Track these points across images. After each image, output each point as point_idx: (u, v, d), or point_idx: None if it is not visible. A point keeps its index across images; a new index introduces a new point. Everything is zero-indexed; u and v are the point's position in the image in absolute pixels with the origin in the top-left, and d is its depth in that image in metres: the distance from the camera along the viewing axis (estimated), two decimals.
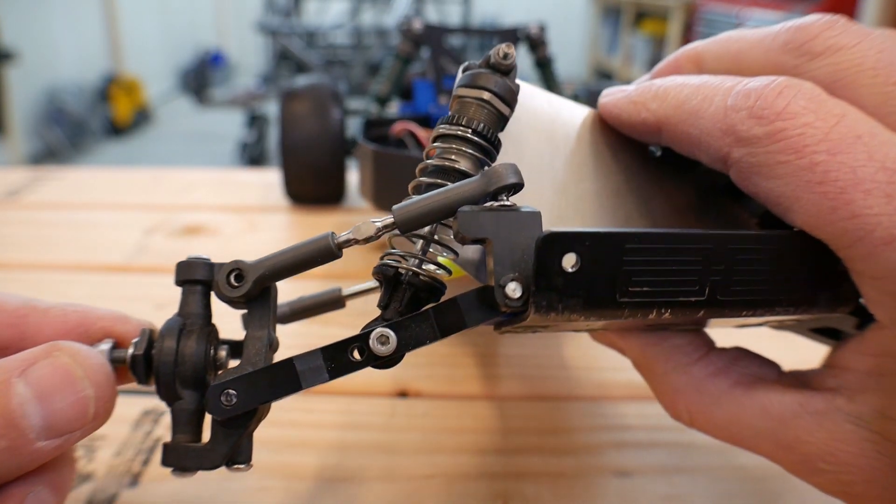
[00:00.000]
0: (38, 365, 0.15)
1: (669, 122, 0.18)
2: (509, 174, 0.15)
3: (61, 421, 0.15)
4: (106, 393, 0.16)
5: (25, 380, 0.15)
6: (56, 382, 0.15)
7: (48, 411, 0.15)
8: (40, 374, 0.15)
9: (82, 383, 0.15)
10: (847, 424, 0.16)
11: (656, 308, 0.15)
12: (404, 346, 0.16)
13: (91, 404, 0.16)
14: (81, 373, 0.16)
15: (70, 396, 0.15)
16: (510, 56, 0.17)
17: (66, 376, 0.15)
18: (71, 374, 0.15)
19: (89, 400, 0.15)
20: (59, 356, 0.15)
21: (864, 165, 0.15)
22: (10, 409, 0.14)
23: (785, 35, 0.18)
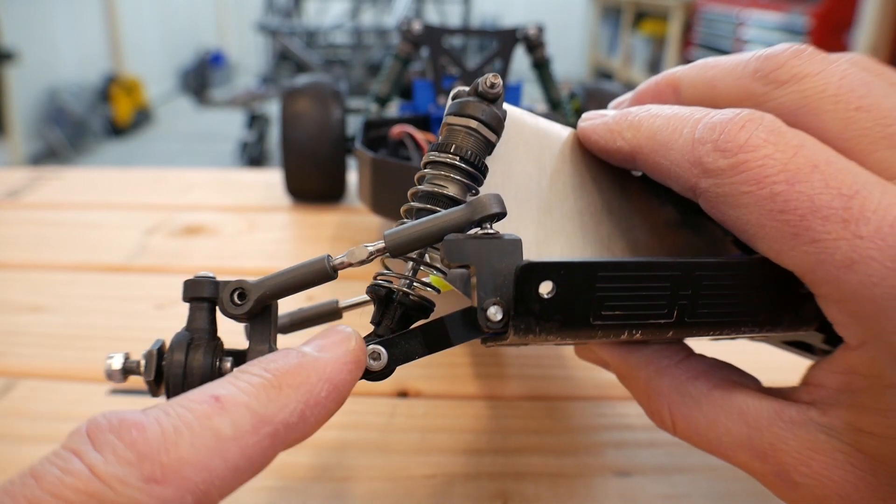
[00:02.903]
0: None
1: (642, 151, 0.19)
2: (493, 204, 0.16)
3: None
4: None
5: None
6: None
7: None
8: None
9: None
10: (820, 434, 0.16)
11: (627, 329, 0.17)
12: (395, 361, 0.17)
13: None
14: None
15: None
16: (497, 85, 0.18)
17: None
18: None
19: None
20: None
21: (821, 193, 0.15)
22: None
23: (755, 63, 0.18)
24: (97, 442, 0.12)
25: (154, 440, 0.12)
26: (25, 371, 0.31)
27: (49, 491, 0.11)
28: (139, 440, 0.12)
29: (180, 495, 0.12)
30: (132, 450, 0.12)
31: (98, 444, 0.12)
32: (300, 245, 0.46)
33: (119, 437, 0.12)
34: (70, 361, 0.32)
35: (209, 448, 0.13)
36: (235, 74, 4.54)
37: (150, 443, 0.12)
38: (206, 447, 0.13)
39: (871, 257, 0.15)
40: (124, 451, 0.12)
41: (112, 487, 0.12)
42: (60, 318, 0.36)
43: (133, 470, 0.12)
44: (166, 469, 0.12)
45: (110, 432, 0.12)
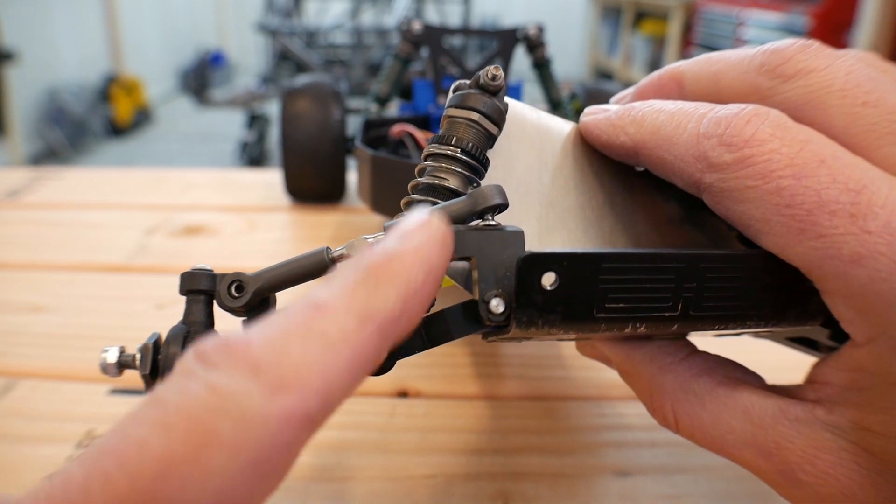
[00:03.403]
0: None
1: (646, 146, 0.19)
2: (494, 195, 0.16)
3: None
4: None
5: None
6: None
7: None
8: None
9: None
10: (826, 433, 0.16)
11: (631, 323, 0.17)
12: (395, 355, 0.17)
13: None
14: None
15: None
16: (498, 77, 0.18)
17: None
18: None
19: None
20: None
21: (828, 188, 0.15)
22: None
23: (760, 58, 0.18)
24: (209, 362, 0.12)
25: (266, 352, 0.12)
26: (25, 371, 0.31)
27: (175, 411, 0.11)
28: (250, 354, 0.12)
29: (304, 401, 0.12)
30: (246, 364, 0.12)
31: (211, 364, 0.12)
32: (300, 245, 0.46)
33: (229, 354, 0.12)
34: (70, 361, 0.32)
35: (321, 352, 0.12)
36: (235, 74, 4.54)
37: (263, 355, 0.12)
38: (319, 351, 0.12)
39: (880, 252, 0.15)
40: (239, 365, 0.12)
41: (236, 401, 0.11)
42: (60, 318, 0.36)
43: (253, 382, 0.12)
44: (285, 377, 0.12)
45: (219, 352, 0.12)
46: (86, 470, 0.10)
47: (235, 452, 0.11)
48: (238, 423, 0.11)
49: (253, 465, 0.11)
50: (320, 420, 0.12)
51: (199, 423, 0.11)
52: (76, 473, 0.11)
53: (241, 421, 0.11)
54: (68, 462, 0.11)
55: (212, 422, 0.11)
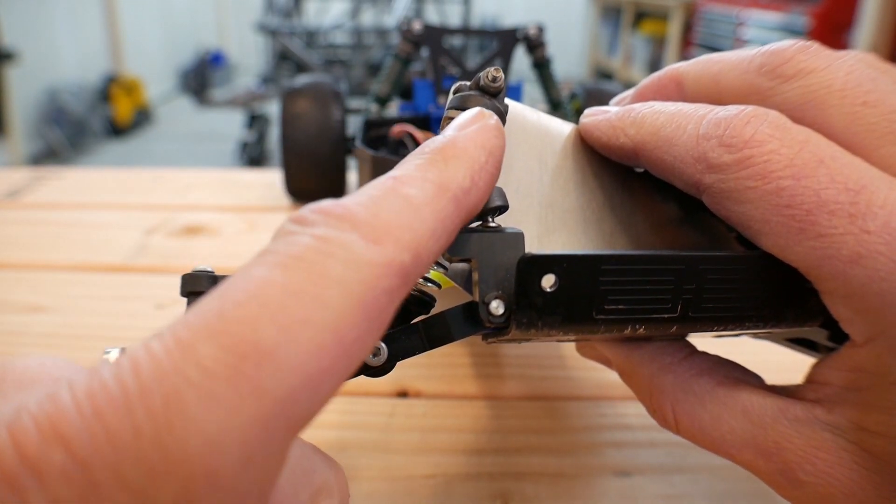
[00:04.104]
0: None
1: (646, 147, 0.19)
2: (494, 197, 0.16)
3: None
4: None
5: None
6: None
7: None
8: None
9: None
10: (825, 433, 0.16)
11: (631, 324, 0.17)
12: (395, 356, 0.17)
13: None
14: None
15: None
16: (499, 79, 0.18)
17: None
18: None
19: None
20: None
21: (827, 188, 0.15)
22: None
23: (760, 59, 0.18)
24: (308, 222, 0.13)
25: (359, 211, 0.13)
26: None
27: (289, 256, 0.12)
28: (346, 213, 0.13)
29: (399, 254, 0.13)
30: (344, 220, 0.12)
31: (310, 223, 0.13)
32: None
33: (326, 214, 0.13)
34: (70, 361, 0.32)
35: (407, 212, 0.13)
36: (235, 74, 4.54)
37: (357, 213, 0.13)
38: (405, 212, 0.13)
39: (879, 252, 0.15)
40: (338, 221, 0.12)
41: (342, 247, 0.12)
42: (60, 318, 0.36)
43: (353, 234, 0.12)
44: (379, 231, 0.12)
45: (316, 213, 0.13)
46: (220, 300, 0.11)
47: (347, 290, 0.12)
48: (347, 265, 0.12)
49: (362, 305, 0.12)
50: (414, 276, 0.13)
51: (313, 264, 0.12)
52: (210, 304, 0.11)
53: (349, 263, 0.12)
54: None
55: (324, 262, 0.12)
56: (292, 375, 0.11)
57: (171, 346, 0.10)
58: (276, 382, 0.11)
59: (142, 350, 0.11)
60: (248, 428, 0.10)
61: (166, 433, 0.10)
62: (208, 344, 0.10)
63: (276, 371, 0.11)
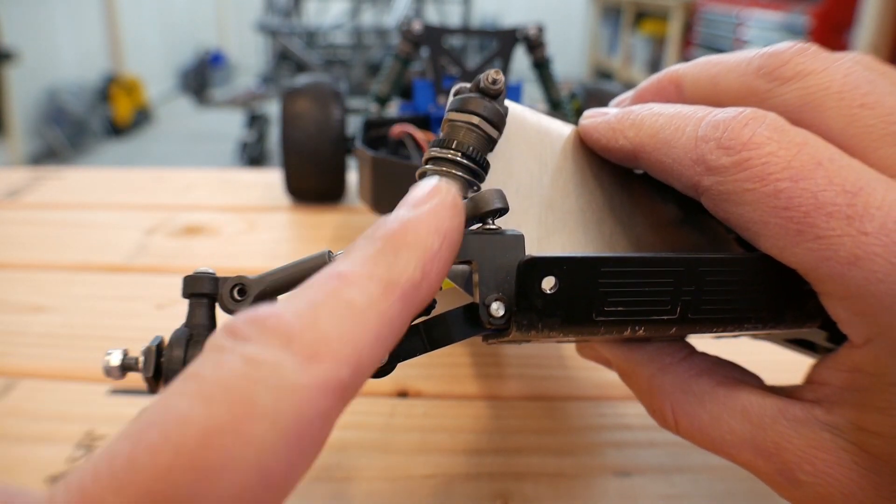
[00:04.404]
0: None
1: (644, 149, 0.19)
2: (495, 200, 0.16)
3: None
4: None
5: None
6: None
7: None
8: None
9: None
10: (824, 433, 0.16)
11: (630, 326, 0.17)
12: (396, 357, 0.17)
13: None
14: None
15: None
16: (499, 81, 0.18)
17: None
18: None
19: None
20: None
21: (824, 190, 0.15)
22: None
23: (758, 61, 0.18)
24: (240, 335, 0.12)
25: (295, 323, 0.12)
26: (25, 371, 0.31)
27: (213, 384, 0.11)
28: (280, 325, 0.12)
29: (336, 369, 0.12)
30: (277, 335, 0.12)
31: (243, 337, 0.12)
32: (300, 245, 0.46)
33: (259, 327, 0.12)
34: (70, 361, 0.32)
35: (349, 320, 0.12)
36: (235, 74, 4.54)
37: (292, 326, 0.12)
38: (346, 320, 0.12)
39: (876, 254, 0.15)
40: (270, 337, 0.12)
41: (272, 371, 0.11)
42: (60, 318, 0.36)
43: (287, 353, 0.12)
44: (317, 347, 0.12)
45: (249, 326, 0.12)
46: (131, 443, 0.10)
47: (275, 421, 0.11)
48: (276, 393, 0.11)
49: (292, 435, 0.11)
50: (353, 390, 0.12)
51: (238, 394, 0.11)
52: (121, 448, 0.10)
53: (278, 390, 0.11)
54: (106, 441, 0.11)
55: (250, 392, 0.11)
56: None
57: (74, 501, 0.10)
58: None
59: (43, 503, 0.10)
60: None
61: None
62: (115, 498, 0.10)
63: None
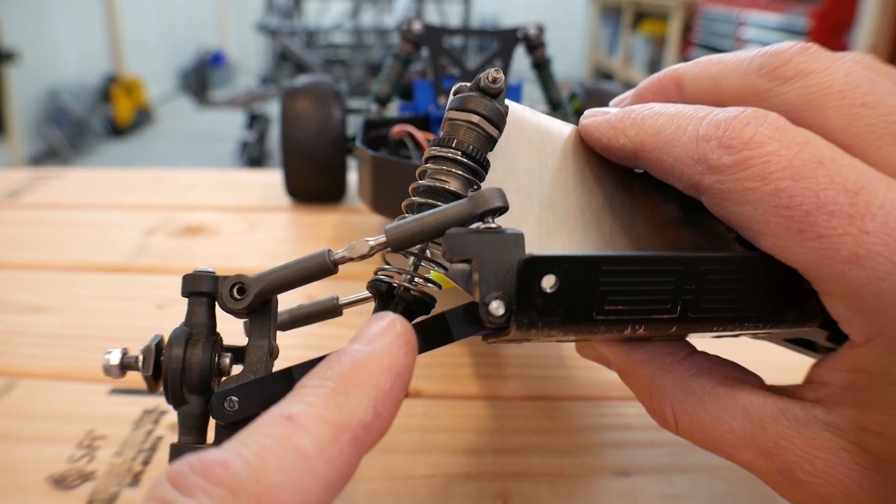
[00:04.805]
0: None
1: (645, 149, 0.19)
2: (495, 198, 0.16)
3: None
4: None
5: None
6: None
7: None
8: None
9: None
10: (825, 433, 0.16)
11: (631, 325, 0.17)
12: None
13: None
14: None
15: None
16: (499, 80, 0.18)
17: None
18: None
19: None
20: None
21: (826, 189, 0.15)
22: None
23: (759, 60, 0.18)
24: (184, 487, 0.12)
25: (242, 473, 0.12)
26: (25, 371, 0.31)
27: None
28: (227, 476, 0.12)
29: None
30: (224, 487, 0.12)
31: (186, 490, 0.12)
32: (300, 245, 0.46)
33: (206, 477, 0.12)
34: (70, 361, 0.32)
35: (297, 469, 0.12)
36: (235, 74, 4.54)
37: (239, 476, 0.12)
38: (295, 468, 0.12)
39: (878, 252, 0.15)
40: (216, 490, 0.12)
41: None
42: (60, 318, 0.36)
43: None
44: (262, 499, 0.12)
45: (195, 475, 0.12)
46: None
47: None
48: None
49: None
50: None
51: None
52: None
53: None
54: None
55: None
56: None
57: None
58: None
59: None
60: None
61: None
62: None
63: None
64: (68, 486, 0.24)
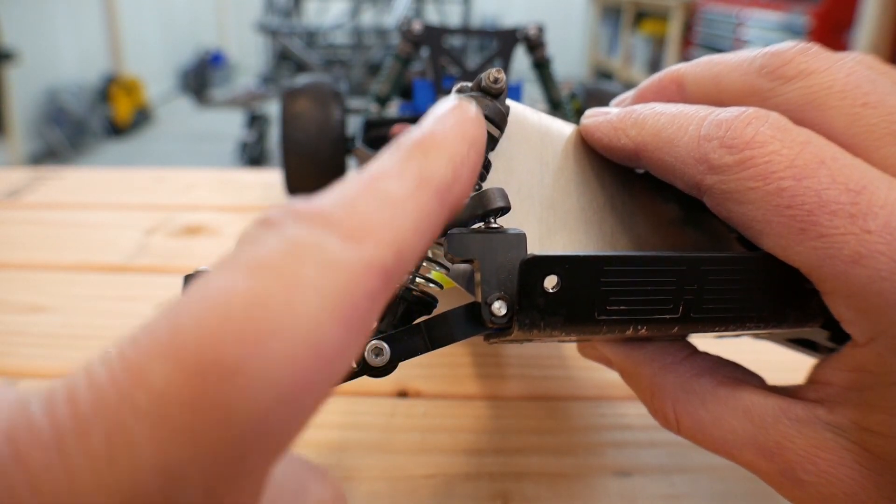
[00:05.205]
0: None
1: (647, 149, 0.19)
2: (497, 198, 0.16)
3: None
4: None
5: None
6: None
7: None
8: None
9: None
10: (827, 433, 0.16)
11: (633, 325, 0.17)
12: (397, 357, 0.17)
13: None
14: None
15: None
16: (500, 80, 0.18)
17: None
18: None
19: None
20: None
21: (828, 188, 0.15)
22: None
23: (761, 60, 0.18)
24: (275, 224, 0.11)
25: (333, 209, 0.11)
26: (25, 371, 0.31)
27: (257, 259, 0.10)
28: (318, 212, 0.11)
29: (381, 253, 0.11)
30: (317, 220, 0.11)
31: (277, 224, 0.11)
32: None
33: (294, 214, 0.11)
34: (70, 361, 0.32)
35: (388, 208, 0.12)
36: (235, 74, 4.54)
37: (332, 212, 0.11)
38: (385, 207, 0.12)
39: (880, 252, 0.15)
40: (310, 221, 0.11)
41: (317, 249, 0.11)
42: (60, 318, 0.36)
43: (328, 234, 0.11)
44: (357, 229, 0.11)
45: (284, 215, 0.11)
46: (173, 314, 0.10)
47: (324, 297, 0.10)
48: (323, 269, 0.11)
49: (340, 312, 0.11)
50: (395, 276, 0.12)
51: (284, 269, 0.10)
52: (162, 319, 0.10)
53: (325, 266, 0.11)
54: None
55: (297, 267, 0.10)
56: (263, 393, 0.09)
57: (115, 370, 0.09)
58: (244, 402, 0.09)
59: (82, 376, 0.09)
60: (212, 456, 0.09)
61: (108, 473, 0.09)
62: (160, 364, 0.09)
63: (244, 389, 0.09)
64: None
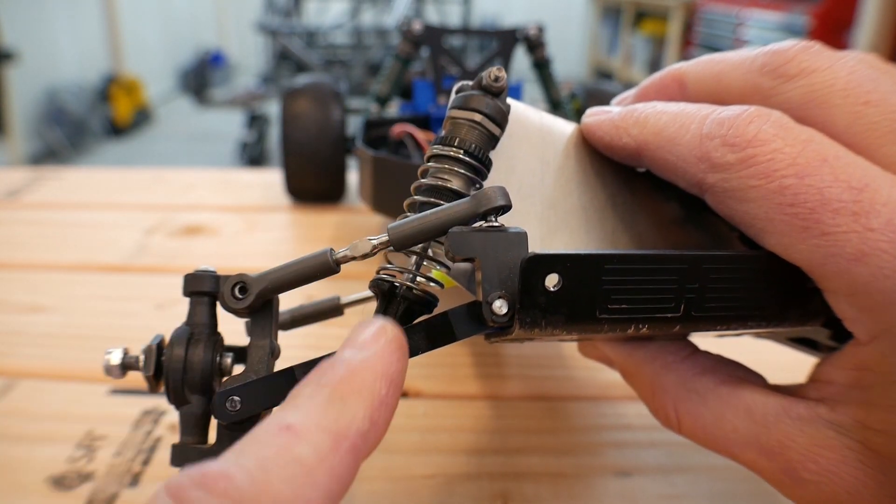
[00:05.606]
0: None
1: (648, 147, 0.19)
2: (498, 197, 0.16)
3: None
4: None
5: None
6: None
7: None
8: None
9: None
10: (829, 431, 0.16)
11: (634, 323, 0.17)
12: None
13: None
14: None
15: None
16: (501, 79, 0.18)
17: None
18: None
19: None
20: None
21: (830, 186, 0.15)
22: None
23: (762, 58, 0.18)
24: (185, 501, 0.11)
25: (245, 485, 0.12)
26: (25, 371, 0.31)
27: None
28: (230, 489, 0.11)
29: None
30: (227, 500, 0.11)
31: (188, 501, 0.11)
32: (300, 245, 0.46)
33: (208, 490, 0.11)
34: (70, 361, 0.32)
35: (300, 479, 0.12)
36: (235, 74, 4.54)
37: (243, 489, 0.11)
38: (297, 479, 0.12)
39: (882, 249, 0.15)
40: (220, 497, 0.11)
41: None
42: (60, 318, 0.36)
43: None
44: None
45: (196, 488, 0.11)
46: None
47: None
48: None
49: None
50: None
51: None
52: None
53: None
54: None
55: None
56: None
57: None
58: None
59: None
60: None
61: None
62: None
63: None
64: (68, 487, 0.24)
